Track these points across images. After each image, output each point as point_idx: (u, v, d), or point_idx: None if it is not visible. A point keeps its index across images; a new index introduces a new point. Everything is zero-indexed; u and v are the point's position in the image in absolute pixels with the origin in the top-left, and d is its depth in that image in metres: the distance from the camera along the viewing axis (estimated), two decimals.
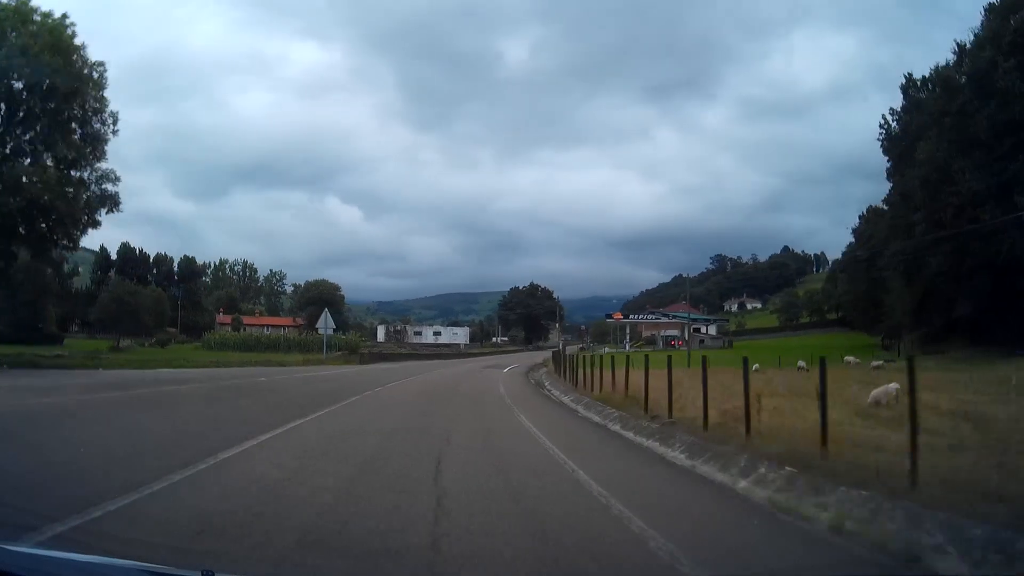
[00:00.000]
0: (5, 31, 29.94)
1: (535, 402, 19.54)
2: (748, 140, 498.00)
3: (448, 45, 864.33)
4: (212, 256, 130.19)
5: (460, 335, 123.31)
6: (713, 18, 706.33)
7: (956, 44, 41.04)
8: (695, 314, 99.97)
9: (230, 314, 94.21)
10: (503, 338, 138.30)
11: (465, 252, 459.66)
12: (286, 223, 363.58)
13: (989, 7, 40.09)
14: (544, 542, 4.88)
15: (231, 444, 8.54)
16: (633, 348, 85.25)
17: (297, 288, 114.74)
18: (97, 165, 34.05)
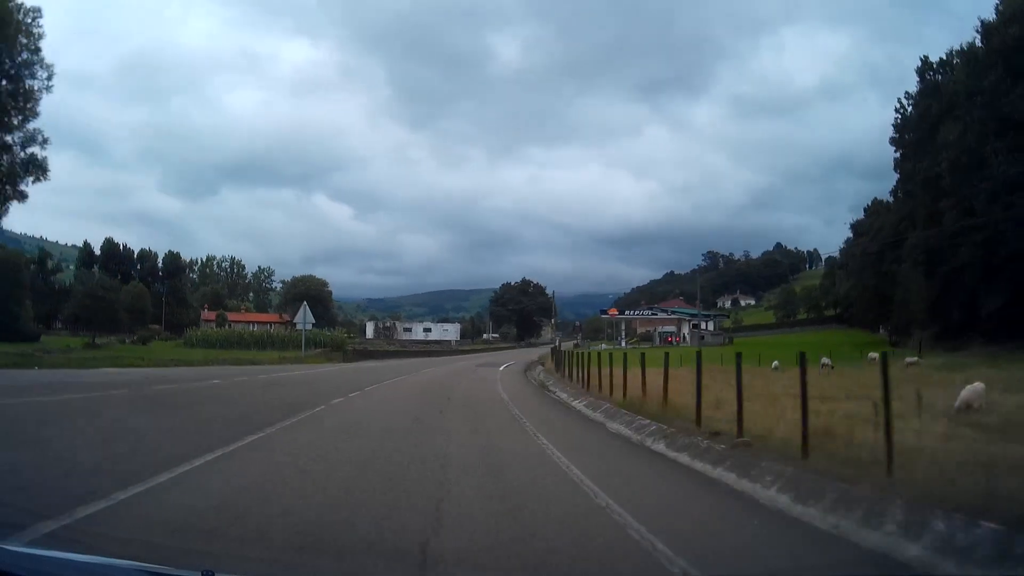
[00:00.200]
0: None
1: (545, 410, 16.46)
2: (739, 138, 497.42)
3: (439, 43, 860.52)
4: (203, 254, 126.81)
5: (451, 332, 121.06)
6: (705, 16, 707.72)
7: (980, 21, 38.59)
8: (694, 310, 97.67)
9: (215, 311, 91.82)
10: (494, 335, 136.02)
11: (455, 250, 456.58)
12: (277, 221, 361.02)
13: None
14: None
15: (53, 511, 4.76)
16: (630, 345, 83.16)
17: (286, 284, 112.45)
18: (28, 127, 29.79)
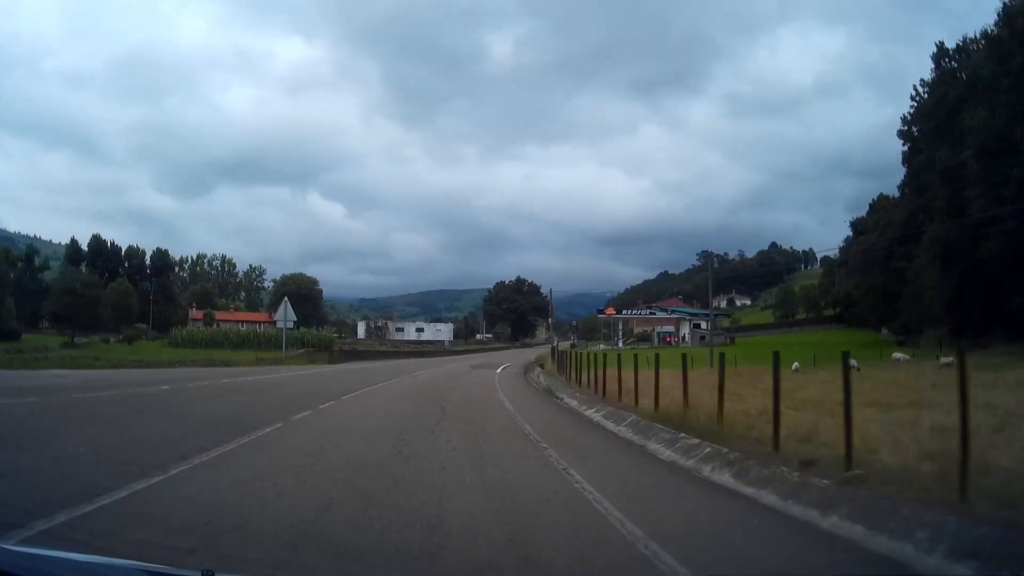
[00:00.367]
0: None
1: (562, 425, 13.29)
2: (734, 136, 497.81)
3: (434, 41, 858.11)
4: (196, 252, 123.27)
5: (444, 332, 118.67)
6: (701, 14, 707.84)
7: (1003, 4, 36.46)
8: (693, 309, 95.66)
9: (203, 309, 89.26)
10: (488, 335, 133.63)
11: (448, 249, 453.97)
12: (270, 219, 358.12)
13: None
14: None
15: None
16: (627, 346, 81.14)
17: (276, 283, 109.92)
18: None
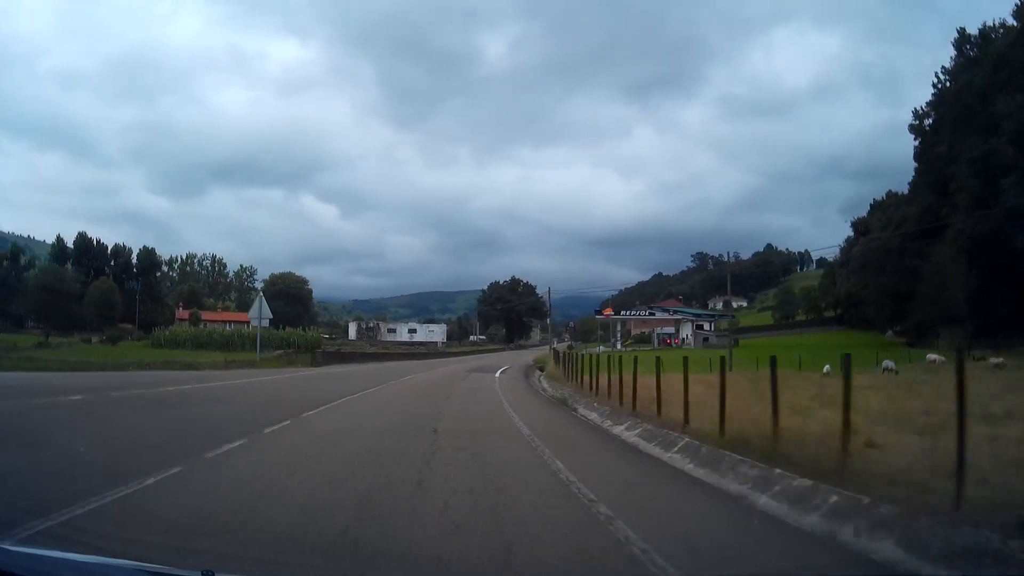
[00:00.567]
0: None
1: (594, 454, 9.60)
2: (729, 139, 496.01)
3: (428, 42, 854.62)
4: (185, 252, 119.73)
5: (437, 333, 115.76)
6: (695, 16, 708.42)
7: None
8: (695, 309, 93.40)
9: (190, 309, 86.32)
10: (481, 336, 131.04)
11: (442, 251, 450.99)
12: (263, 221, 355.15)
13: None
14: None
15: None
16: (626, 348, 78.64)
17: (265, 283, 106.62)
18: None
